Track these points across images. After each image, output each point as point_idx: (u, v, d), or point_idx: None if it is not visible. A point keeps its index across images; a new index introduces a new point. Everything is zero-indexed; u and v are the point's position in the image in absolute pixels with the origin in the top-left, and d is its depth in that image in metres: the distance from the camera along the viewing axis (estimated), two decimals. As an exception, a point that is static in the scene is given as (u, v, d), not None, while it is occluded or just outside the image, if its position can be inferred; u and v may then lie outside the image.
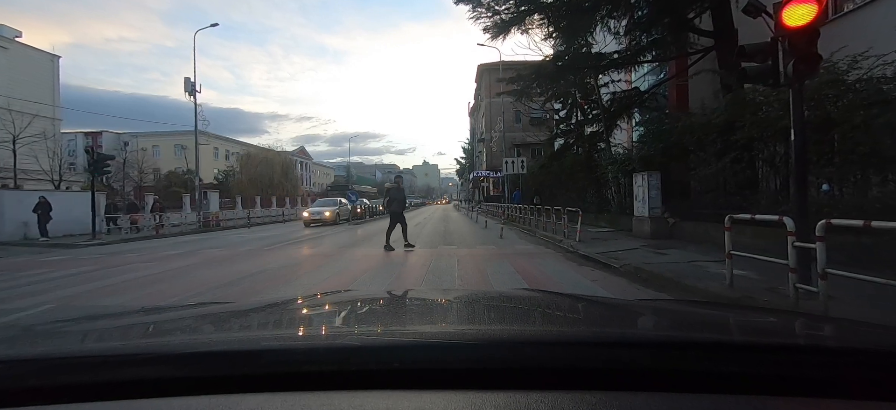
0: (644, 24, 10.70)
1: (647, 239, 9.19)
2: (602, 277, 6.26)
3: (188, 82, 19.25)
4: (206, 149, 52.86)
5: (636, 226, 10.05)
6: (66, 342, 1.09)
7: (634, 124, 15.91)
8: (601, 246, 8.75)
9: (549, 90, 14.49)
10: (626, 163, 11.07)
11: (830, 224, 3.55)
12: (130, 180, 40.40)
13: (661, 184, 9.47)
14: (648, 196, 9.44)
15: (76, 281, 7.02)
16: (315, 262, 8.50)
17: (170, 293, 5.88)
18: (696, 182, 9.14)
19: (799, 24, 3.96)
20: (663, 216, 9.42)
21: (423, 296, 2.09)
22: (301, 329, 1.21)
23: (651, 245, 8.42)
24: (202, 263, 8.80)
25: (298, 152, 65.48)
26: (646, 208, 9.53)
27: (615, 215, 12.41)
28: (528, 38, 11.75)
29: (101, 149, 48.66)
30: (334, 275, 6.92)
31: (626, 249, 8.20)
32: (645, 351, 0.81)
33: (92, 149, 13.82)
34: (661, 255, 7.29)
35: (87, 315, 2.52)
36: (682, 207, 9.28)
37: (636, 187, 9.99)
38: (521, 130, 37.00)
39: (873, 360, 0.78)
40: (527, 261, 7.80)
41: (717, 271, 5.52)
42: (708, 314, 1.42)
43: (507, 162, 21.86)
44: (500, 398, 0.65)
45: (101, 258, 10.29)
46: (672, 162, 9.60)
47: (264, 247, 11.51)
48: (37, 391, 0.73)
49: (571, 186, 15.90)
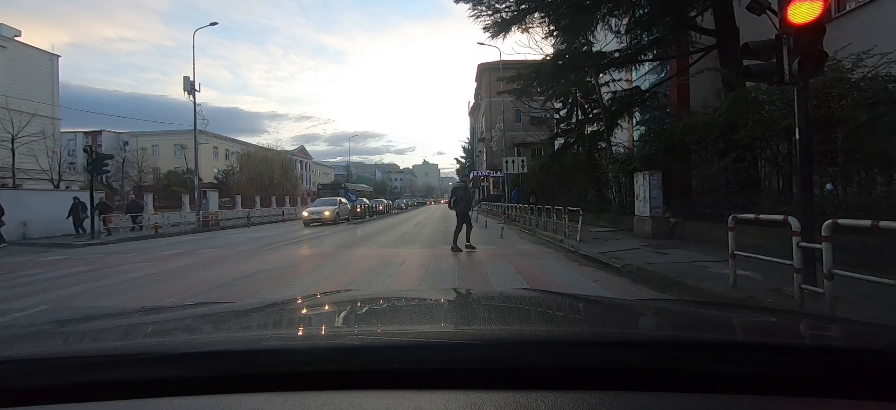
0: (645, 22, 10.64)
1: (649, 239, 9.14)
2: (603, 277, 6.20)
3: (187, 81, 19.16)
4: (206, 148, 52.84)
5: (637, 226, 10.00)
6: (66, 343, 1.09)
7: (635, 124, 15.86)
8: (602, 246, 8.69)
9: (549, 89, 14.42)
10: (627, 162, 11.01)
11: (837, 224, 3.49)
12: (130, 180, 40.41)
13: (662, 183, 9.42)
14: (650, 196, 9.38)
15: (71, 282, 6.96)
16: (314, 262, 8.44)
17: (166, 295, 5.82)
18: (697, 182, 9.09)
19: (804, 21, 3.90)
20: (665, 216, 9.36)
21: (423, 296, 2.09)
22: (301, 329, 1.21)
23: (652, 245, 8.36)
24: (197, 264, 8.74)
25: (298, 152, 65.40)
26: (647, 208, 9.47)
27: (616, 215, 12.36)
28: (528, 36, 11.70)
29: (101, 148, 48.70)
30: (333, 275, 6.86)
31: (627, 249, 8.14)
32: (645, 351, 0.80)
33: (91, 148, 13.73)
34: (663, 255, 7.23)
35: (87, 315, 2.51)
36: (684, 206, 9.22)
37: (637, 186, 9.93)
38: (521, 130, 36.95)
39: (873, 360, 0.77)
40: (527, 261, 7.74)
41: (719, 271, 5.46)
42: (707, 314, 1.42)
43: (507, 161, 21.80)
44: (500, 398, 0.65)
45: (98, 259, 10.23)
46: (673, 161, 9.54)
47: (262, 247, 11.45)
48: (37, 391, 0.73)
49: (572, 185, 15.84)
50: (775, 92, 6.53)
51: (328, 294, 1.88)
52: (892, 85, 5.62)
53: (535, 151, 27.09)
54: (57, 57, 38.46)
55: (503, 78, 13.84)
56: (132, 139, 50.13)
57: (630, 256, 7.30)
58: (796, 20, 3.92)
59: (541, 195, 20.31)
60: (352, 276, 6.79)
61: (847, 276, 3.40)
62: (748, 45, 4.43)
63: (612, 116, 13.21)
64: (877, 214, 4.42)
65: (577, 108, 18.04)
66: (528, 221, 14.49)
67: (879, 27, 7.47)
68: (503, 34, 11.08)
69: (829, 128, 5.92)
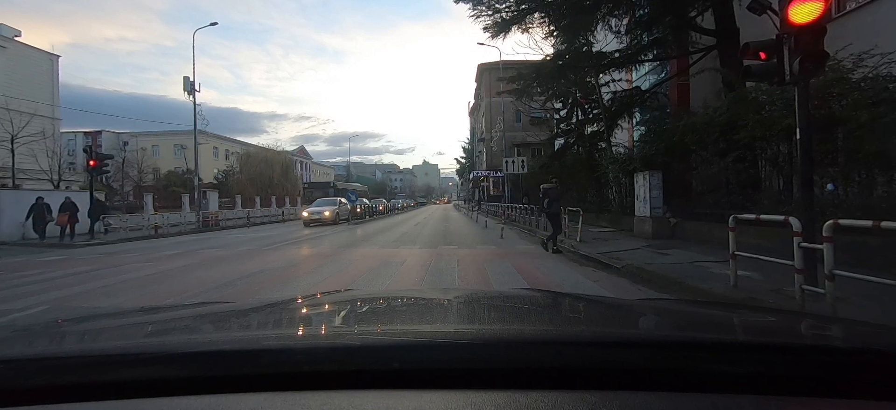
0: (645, 22, 10.63)
1: (649, 239, 9.13)
2: (604, 277, 6.19)
3: (187, 82, 19.14)
4: (206, 148, 52.84)
5: (638, 226, 9.99)
6: (66, 342, 1.08)
7: (635, 124, 15.86)
8: (602, 246, 8.68)
9: (549, 89, 14.41)
10: (627, 162, 11.00)
11: (838, 224, 3.49)
12: (130, 180, 40.41)
13: (662, 184, 9.41)
14: (650, 196, 9.37)
15: (70, 283, 6.95)
16: (314, 262, 8.43)
17: (165, 295, 5.81)
18: (697, 182, 9.08)
19: (805, 21, 3.89)
20: (665, 216, 9.35)
21: (422, 296, 2.08)
22: (301, 329, 1.20)
23: (653, 246, 8.35)
24: (197, 264, 8.73)
25: (298, 152, 65.36)
26: (647, 208, 9.46)
27: (616, 215, 12.34)
28: (528, 36, 11.69)
29: (101, 148, 48.70)
30: (333, 275, 6.85)
31: (627, 249, 8.13)
32: (645, 351, 0.80)
33: (90, 148, 13.71)
34: (664, 255, 7.22)
35: (87, 315, 2.51)
36: (684, 207, 9.21)
37: (637, 186, 9.92)
38: (521, 130, 36.92)
39: (873, 360, 0.76)
40: (528, 261, 7.73)
41: (720, 272, 5.45)
42: (707, 314, 1.42)
43: (507, 162, 21.78)
44: (500, 397, 0.65)
45: (97, 259, 10.22)
46: (674, 161, 9.54)
47: (262, 248, 11.44)
48: (37, 390, 0.73)
49: (571, 185, 15.83)
50: (776, 92, 6.52)
51: (328, 294, 1.87)
52: (893, 85, 5.61)
53: (536, 152, 27.07)
54: (57, 57, 38.43)
55: (503, 78, 13.84)
56: (132, 139, 50.20)
57: (630, 256, 7.28)
58: (797, 20, 3.91)
59: (534, 196, 20.24)
60: (352, 276, 6.78)
61: (848, 276, 3.39)
62: (748, 45, 4.42)
63: (612, 117, 13.21)
64: (878, 214, 4.41)
65: (577, 108, 18.02)
66: (528, 221, 14.48)
67: (880, 27, 7.46)
68: (503, 34, 11.08)
69: (830, 128, 5.91)
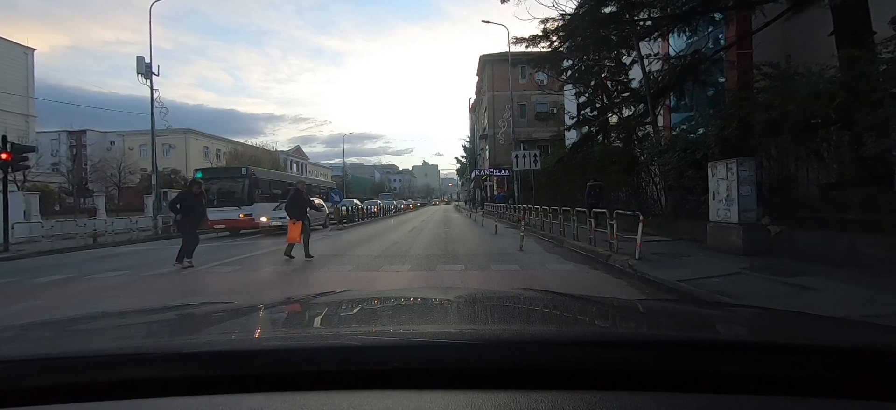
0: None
1: (739, 256, 6.32)
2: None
3: (142, 62, 16.12)
4: (197, 146, 51.00)
5: (714, 236, 7.16)
6: (66, 342, 1.06)
7: (672, 106, 13.09)
8: (674, 266, 5.92)
9: (582, 55, 11.60)
10: (692, 148, 8.10)
11: None
12: (109, 181, 37.92)
13: (755, 176, 6.60)
14: (738, 194, 6.53)
15: None
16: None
17: None
18: (817, 172, 6.25)
19: None
20: (761, 223, 6.54)
21: (423, 296, 1.94)
22: (301, 329, 1.19)
23: (756, 268, 5.55)
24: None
25: (294, 152, 63.13)
26: (734, 212, 6.63)
27: (667, 220, 9.54)
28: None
29: (86, 148, 46.33)
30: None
31: (719, 275, 5.35)
32: (645, 351, 0.78)
33: (5, 138, 10.95)
34: (793, 287, 4.49)
35: (87, 315, 2.09)
36: (791, 210, 6.40)
37: (715, 181, 7.09)
38: (526, 126, 34.42)
39: (873, 360, 0.74)
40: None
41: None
42: (708, 314, 1.43)
43: (517, 157, 18.98)
44: (500, 398, 0.63)
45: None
46: (773, 144, 6.73)
47: (152, 276, 8.61)
48: (37, 390, 0.71)
49: (582, 184, 13.03)
50: None
51: (328, 294, 1.76)
52: None
53: (541, 149, 24.53)
54: (31, 50, 36.19)
55: (520, 39, 10.88)
56: (119, 139, 48.54)
57: (735, 288, 4.63)
58: None
59: (546, 196, 17.67)
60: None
61: None
62: None
63: (659, 92, 10.29)
64: None
65: (602, 92, 15.28)
66: (551, 227, 11.63)
67: None
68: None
69: None
